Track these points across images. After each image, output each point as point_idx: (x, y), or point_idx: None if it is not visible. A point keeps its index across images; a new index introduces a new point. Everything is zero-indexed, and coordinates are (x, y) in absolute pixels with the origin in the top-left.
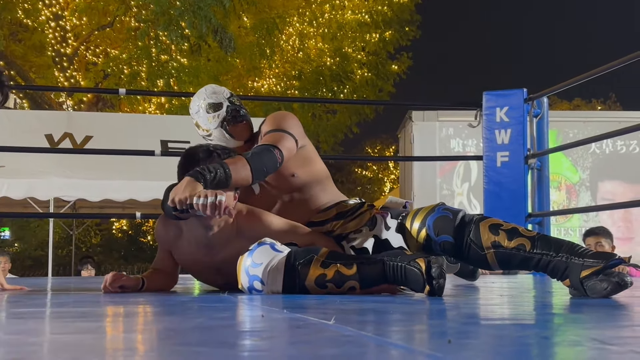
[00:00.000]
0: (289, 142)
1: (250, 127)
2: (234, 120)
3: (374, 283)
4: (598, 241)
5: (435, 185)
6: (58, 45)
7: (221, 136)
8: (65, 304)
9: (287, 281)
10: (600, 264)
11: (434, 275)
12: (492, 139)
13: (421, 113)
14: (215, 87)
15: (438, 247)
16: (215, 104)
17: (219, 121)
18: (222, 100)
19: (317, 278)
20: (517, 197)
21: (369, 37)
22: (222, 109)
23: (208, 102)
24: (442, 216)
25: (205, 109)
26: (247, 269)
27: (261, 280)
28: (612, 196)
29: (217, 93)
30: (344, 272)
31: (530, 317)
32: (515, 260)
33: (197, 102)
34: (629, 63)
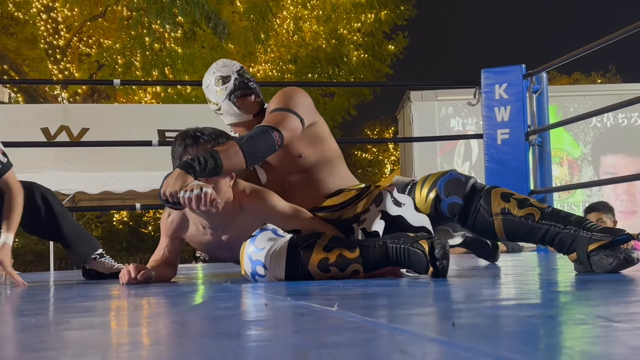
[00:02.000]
0: (293, 122)
1: (260, 100)
2: (242, 93)
3: (378, 266)
4: (599, 217)
5: (436, 165)
6: (50, 38)
7: (230, 109)
8: (68, 298)
9: (290, 266)
10: (608, 238)
11: (437, 257)
12: (491, 116)
13: (420, 93)
14: (226, 61)
15: (446, 209)
16: (224, 76)
17: (227, 94)
18: (231, 73)
19: (320, 262)
20: (519, 174)
21: (364, 18)
22: (230, 81)
23: (216, 75)
24: (454, 179)
25: (215, 82)
26: (249, 255)
27: (264, 265)
28: (615, 170)
29: (226, 66)
30: (347, 256)
31: (536, 296)
32: (522, 229)
33: (207, 77)
34: (628, 35)
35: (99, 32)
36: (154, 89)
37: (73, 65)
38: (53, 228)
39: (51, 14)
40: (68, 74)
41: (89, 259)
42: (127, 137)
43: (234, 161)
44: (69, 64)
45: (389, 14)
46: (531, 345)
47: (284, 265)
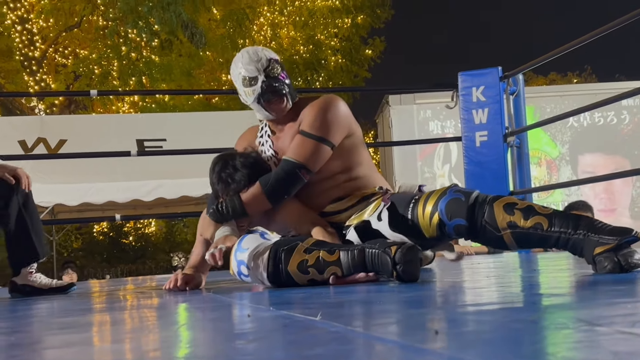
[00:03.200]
0: (323, 153)
1: (289, 98)
2: (270, 96)
3: (355, 270)
4: None
5: (416, 169)
6: (26, 49)
7: (259, 110)
8: (50, 314)
9: (271, 267)
10: (614, 241)
11: (397, 260)
12: (469, 119)
13: (398, 97)
14: (252, 54)
15: (452, 231)
16: (251, 77)
17: (255, 97)
18: (258, 73)
19: (299, 264)
20: (498, 175)
21: (340, 23)
22: (257, 84)
23: (243, 75)
24: (454, 199)
25: (242, 82)
26: (235, 254)
27: (247, 265)
28: (593, 169)
29: (253, 63)
30: (326, 258)
31: (518, 300)
32: (533, 239)
33: (235, 70)
34: (603, 35)
35: (75, 43)
36: (132, 99)
37: (49, 77)
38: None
39: (26, 26)
40: (45, 85)
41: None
42: (105, 147)
43: (258, 207)
44: (46, 75)
45: (365, 18)
46: (514, 353)
47: (266, 266)
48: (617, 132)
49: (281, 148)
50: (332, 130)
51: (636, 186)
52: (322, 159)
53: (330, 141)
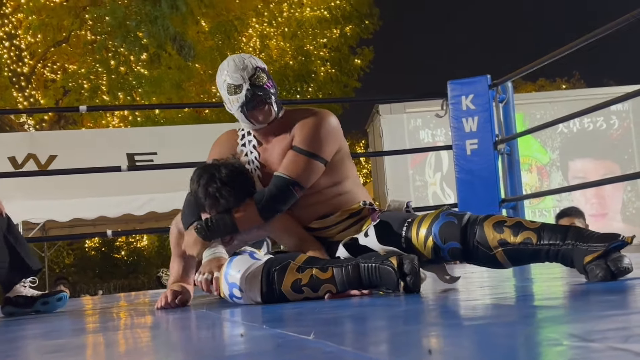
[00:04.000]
0: (316, 170)
1: (274, 108)
2: (254, 105)
3: (350, 286)
4: (571, 222)
5: (407, 177)
6: (14, 65)
7: (242, 119)
8: (41, 335)
9: (265, 287)
10: (602, 248)
11: (407, 272)
12: (460, 127)
13: (388, 106)
14: (238, 62)
15: (447, 255)
16: (235, 85)
17: (239, 105)
18: (243, 82)
19: (293, 283)
20: (490, 183)
21: (329, 33)
22: (242, 92)
23: (228, 82)
24: (447, 222)
25: (226, 89)
26: (226, 277)
27: (239, 288)
28: (584, 174)
29: (239, 70)
30: (319, 276)
31: (511, 313)
32: (525, 254)
33: (220, 78)
34: (590, 41)
35: (64, 58)
36: (122, 113)
37: (38, 92)
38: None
39: (14, 42)
40: (34, 100)
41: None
42: (96, 162)
43: (251, 224)
44: (34, 91)
45: (354, 28)
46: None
47: (259, 287)
48: (607, 137)
49: (268, 160)
50: (324, 147)
51: (627, 190)
52: (315, 175)
53: (323, 157)
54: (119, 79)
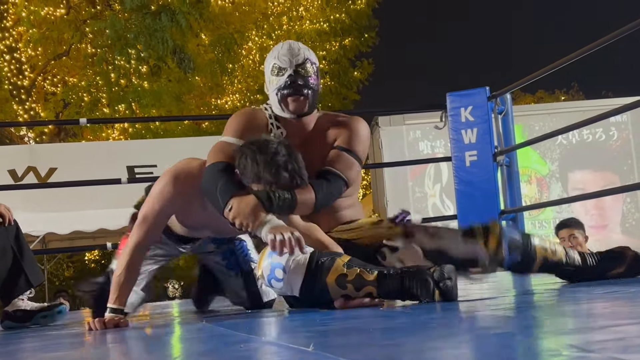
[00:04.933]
0: (358, 172)
1: (309, 103)
2: (290, 92)
3: (391, 292)
4: (571, 233)
5: (407, 189)
6: (15, 78)
7: (274, 102)
8: (40, 348)
9: (309, 275)
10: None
11: (437, 278)
12: (459, 139)
13: (387, 118)
14: (293, 47)
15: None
16: (280, 67)
17: (276, 87)
18: (288, 66)
19: (338, 277)
20: (489, 195)
21: (328, 46)
22: (284, 75)
23: (274, 63)
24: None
25: (270, 69)
26: (270, 256)
27: (283, 268)
28: (583, 185)
29: (289, 54)
30: (365, 277)
31: (511, 324)
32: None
33: (269, 58)
34: (589, 53)
35: (64, 71)
36: (122, 125)
37: (38, 105)
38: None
39: (14, 55)
40: (34, 113)
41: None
42: (95, 174)
43: (304, 211)
44: (35, 104)
45: (353, 41)
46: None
47: (304, 273)
48: (606, 148)
49: None
50: (363, 152)
51: (627, 202)
52: (357, 178)
53: (362, 163)
54: (119, 92)
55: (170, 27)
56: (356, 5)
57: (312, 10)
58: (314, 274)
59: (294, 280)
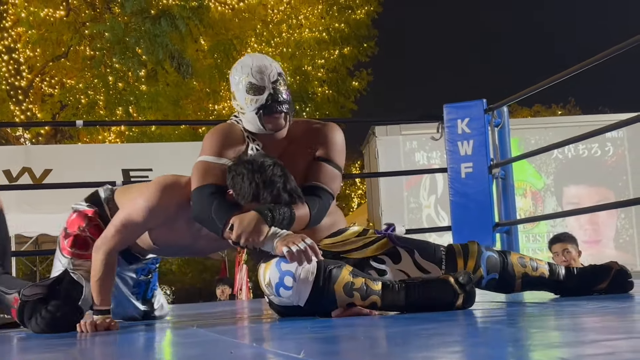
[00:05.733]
0: (339, 182)
1: (288, 118)
2: (272, 110)
3: (395, 303)
4: (565, 248)
5: (402, 199)
6: (12, 79)
7: (254, 122)
8: (29, 348)
9: (317, 283)
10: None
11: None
12: (455, 150)
13: (384, 128)
14: (262, 63)
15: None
16: (258, 86)
17: (256, 107)
18: (266, 84)
19: (346, 285)
20: (484, 207)
21: (327, 55)
22: (264, 94)
23: (249, 81)
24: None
25: (245, 88)
26: (279, 264)
27: (293, 276)
28: (578, 200)
29: (263, 73)
30: (370, 286)
31: (502, 337)
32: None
33: (239, 75)
34: (586, 68)
35: (62, 72)
36: (118, 128)
37: (35, 106)
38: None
39: (13, 55)
40: (31, 114)
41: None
42: (91, 177)
43: (299, 226)
44: (32, 105)
45: (352, 50)
46: None
47: (313, 280)
48: (602, 163)
49: None
50: (342, 161)
51: (621, 218)
52: (338, 189)
53: (342, 171)
54: (116, 95)
55: (170, 32)
56: (356, 15)
57: (311, 18)
58: (323, 282)
59: (303, 289)
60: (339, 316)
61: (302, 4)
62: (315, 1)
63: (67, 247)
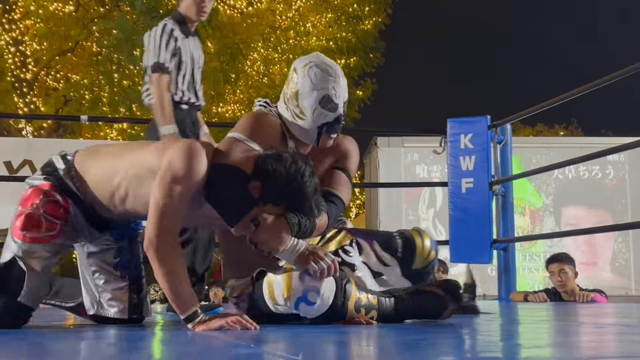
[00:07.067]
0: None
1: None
2: (333, 131)
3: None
4: (561, 268)
5: (401, 211)
6: (18, 71)
7: (310, 133)
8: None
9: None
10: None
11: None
12: (456, 165)
13: (386, 139)
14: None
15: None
16: (334, 104)
17: (322, 122)
18: (340, 104)
19: (356, 301)
20: (482, 223)
21: None
22: (334, 113)
23: (327, 94)
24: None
25: (320, 98)
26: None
27: (319, 292)
28: (576, 221)
29: (341, 91)
30: (371, 301)
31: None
32: None
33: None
34: (590, 91)
35: (68, 67)
36: (121, 126)
37: (39, 99)
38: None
39: (20, 48)
40: (34, 107)
41: None
42: None
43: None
44: (35, 98)
45: (358, 60)
46: None
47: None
48: (602, 186)
49: None
50: (355, 172)
51: (618, 241)
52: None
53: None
54: (120, 92)
55: None
56: (363, 26)
57: (319, 27)
58: (342, 299)
59: (324, 305)
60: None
61: (310, 12)
62: (324, 10)
63: (18, 229)
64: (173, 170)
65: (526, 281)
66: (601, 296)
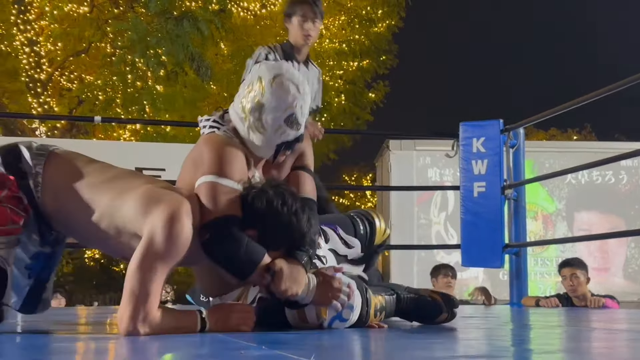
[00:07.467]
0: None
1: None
2: (291, 150)
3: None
4: (573, 272)
5: (412, 214)
6: (32, 71)
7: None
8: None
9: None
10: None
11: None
12: (469, 169)
13: (398, 142)
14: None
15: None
16: (297, 123)
17: (282, 140)
18: (302, 123)
19: (374, 306)
20: (494, 227)
21: (346, 66)
22: (296, 132)
23: (294, 112)
24: None
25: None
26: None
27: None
28: (588, 226)
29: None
30: (382, 301)
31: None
32: None
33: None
34: (603, 96)
35: (82, 68)
36: (133, 126)
37: (53, 100)
38: None
39: (34, 48)
40: (48, 107)
41: None
42: None
43: None
44: (49, 98)
45: (371, 63)
46: None
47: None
48: (615, 191)
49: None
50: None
51: (631, 247)
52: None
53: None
54: (133, 93)
55: (191, 33)
56: (376, 28)
57: (332, 29)
58: (366, 308)
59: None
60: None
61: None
62: (337, 12)
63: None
64: (155, 246)
65: (538, 286)
66: (613, 302)
